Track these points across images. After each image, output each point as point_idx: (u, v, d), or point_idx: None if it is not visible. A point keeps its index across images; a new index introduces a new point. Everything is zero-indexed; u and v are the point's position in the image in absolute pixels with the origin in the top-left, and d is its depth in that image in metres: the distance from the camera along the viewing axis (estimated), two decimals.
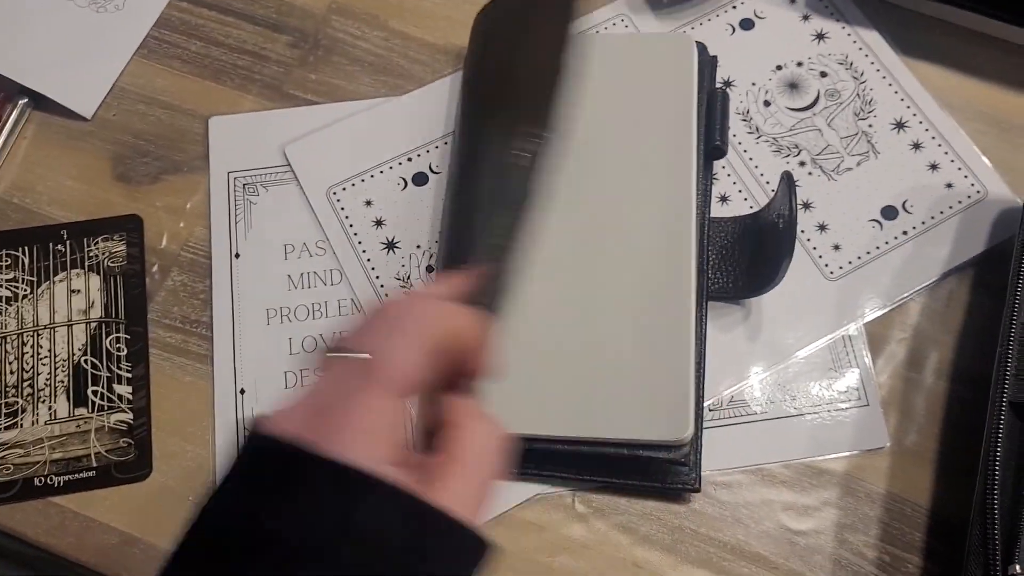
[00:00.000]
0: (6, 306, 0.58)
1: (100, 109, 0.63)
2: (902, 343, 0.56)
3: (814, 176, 0.60)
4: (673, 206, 0.55)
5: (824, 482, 0.53)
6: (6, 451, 0.54)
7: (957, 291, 0.57)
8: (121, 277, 0.59)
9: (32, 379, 0.56)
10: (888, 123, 0.61)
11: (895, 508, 0.53)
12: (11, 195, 0.61)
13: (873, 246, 0.58)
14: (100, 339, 0.57)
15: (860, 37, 0.63)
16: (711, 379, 0.55)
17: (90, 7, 0.65)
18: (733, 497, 0.53)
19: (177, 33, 0.65)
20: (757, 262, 0.55)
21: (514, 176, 0.54)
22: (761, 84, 0.62)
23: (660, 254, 0.54)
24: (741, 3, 0.64)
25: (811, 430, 0.54)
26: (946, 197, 0.59)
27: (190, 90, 0.64)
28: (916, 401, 0.55)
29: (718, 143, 0.57)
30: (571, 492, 0.54)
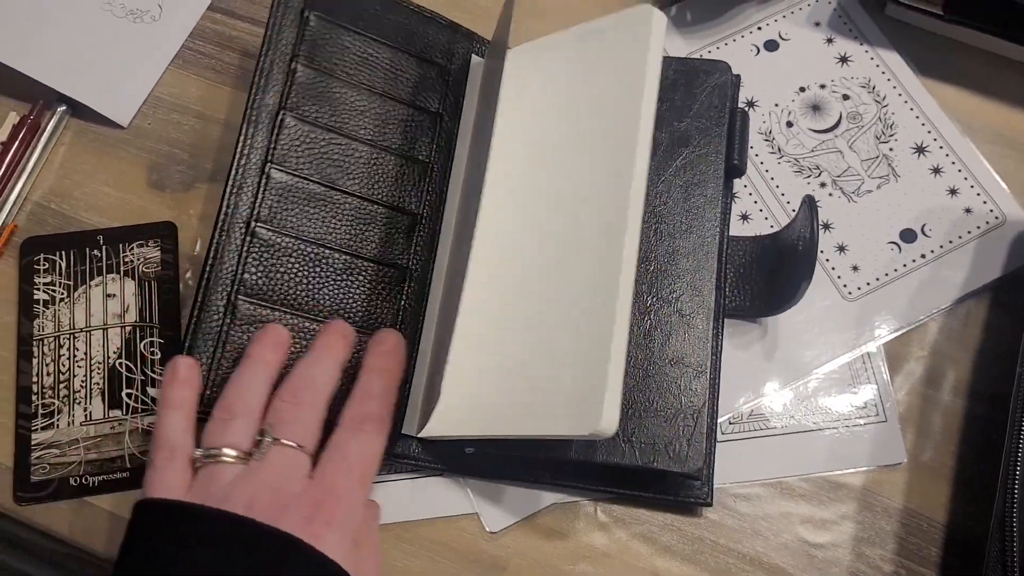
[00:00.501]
0: (44, 309, 0.59)
1: (136, 118, 0.65)
2: (920, 360, 0.57)
3: (835, 197, 0.61)
4: (613, 190, 0.51)
5: (842, 496, 0.55)
6: (43, 451, 0.56)
7: (975, 310, 0.58)
8: (155, 282, 0.60)
9: (68, 381, 0.57)
10: (909, 147, 0.62)
11: (912, 523, 0.54)
12: (49, 200, 0.62)
13: (891, 268, 0.59)
14: (134, 343, 0.58)
15: (883, 60, 0.64)
16: (728, 394, 0.56)
17: (128, 18, 0.66)
18: (752, 509, 0.55)
19: (212, 44, 0.67)
20: (775, 282, 0.57)
21: None
22: (784, 105, 0.63)
23: (598, 243, 0.51)
24: (766, 24, 0.66)
25: (829, 445, 0.56)
26: (964, 222, 0.60)
27: (223, 100, 0.65)
28: (933, 418, 0.56)
29: (736, 162, 0.59)
30: (594, 501, 0.55)
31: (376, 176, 0.57)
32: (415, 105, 0.59)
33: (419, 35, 0.61)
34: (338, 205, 0.56)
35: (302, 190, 0.55)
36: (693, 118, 0.59)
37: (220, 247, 0.53)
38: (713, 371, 0.55)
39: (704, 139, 0.59)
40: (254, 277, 0.53)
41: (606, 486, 0.54)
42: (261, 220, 0.54)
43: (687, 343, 0.54)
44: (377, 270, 0.55)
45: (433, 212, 0.58)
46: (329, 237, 0.55)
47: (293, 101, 0.56)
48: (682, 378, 0.53)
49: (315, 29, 0.57)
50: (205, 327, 0.51)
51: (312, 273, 0.54)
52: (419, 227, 0.57)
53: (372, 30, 0.59)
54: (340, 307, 0.54)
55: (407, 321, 0.56)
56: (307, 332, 0.53)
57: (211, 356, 0.51)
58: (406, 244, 0.57)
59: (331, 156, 0.56)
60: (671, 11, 0.66)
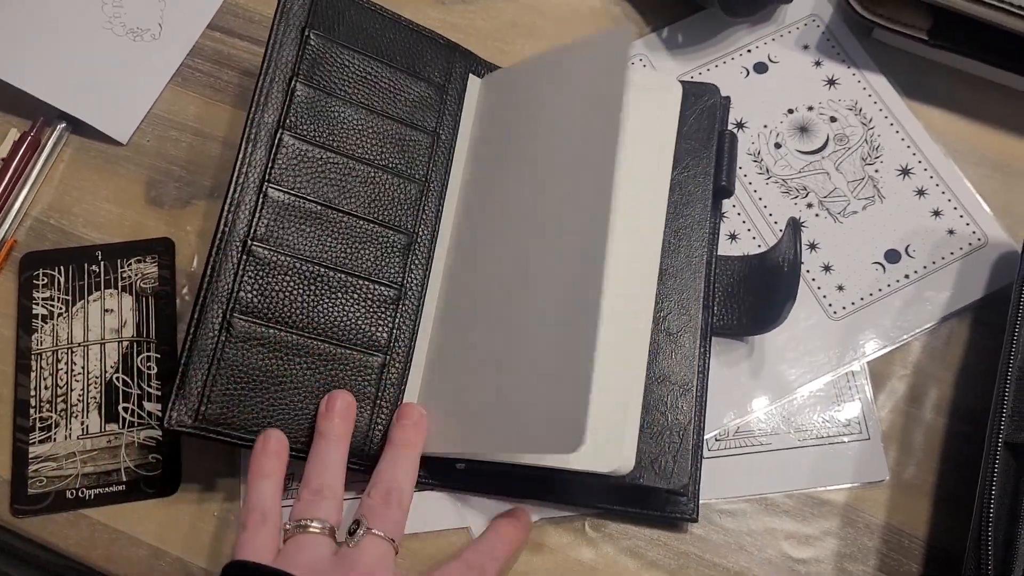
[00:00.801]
0: (42, 324, 0.60)
1: (135, 135, 0.66)
2: (903, 379, 0.58)
3: (821, 218, 0.62)
4: (591, 203, 0.51)
5: (825, 512, 0.56)
6: (40, 464, 0.57)
7: (957, 330, 0.60)
8: (152, 298, 0.61)
9: (66, 395, 0.58)
10: (894, 169, 0.63)
11: (893, 539, 0.55)
12: (48, 216, 0.63)
13: (876, 288, 0.60)
14: (131, 357, 0.59)
15: (869, 83, 0.65)
16: (714, 411, 0.57)
17: (128, 36, 0.67)
18: (737, 525, 0.56)
19: (211, 62, 0.68)
20: (761, 302, 0.58)
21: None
22: (773, 126, 0.65)
23: (574, 265, 0.51)
24: (756, 47, 0.67)
25: (813, 462, 0.57)
26: (947, 243, 0.61)
27: (222, 118, 0.66)
28: (915, 436, 0.57)
29: (724, 183, 0.60)
30: (582, 516, 0.56)
31: (373, 195, 0.58)
32: (413, 124, 0.60)
33: (418, 54, 0.61)
34: (335, 224, 0.56)
35: (299, 209, 0.56)
36: (682, 139, 0.60)
37: (217, 265, 0.54)
38: (700, 389, 0.56)
39: (693, 160, 0.60)
40: (250, 295, 0.54)
41: (594, 502, 0.55)
42: (258, 239, 0.54)
43: (674, 361, 0.55)
44: (372, 288, 0.56)
45: (429, 231, 0.59)
46: (325, 256, 0.56)
47: (292, 120, 0.57)
48: (669, 396, 0.54)
49: (315, 48, 0.58)
50: (201, 344, 0.52)
51: (308, 291, 0.55)
52: (415, 246, 0.58)
53: (372, 49, 0.60)
54: (335, 324, 0.55)
55: (401, 339, 0.56)
56: (303, 350, 0.54)
57: (206, 372, 0.52)
58: (402, 263, 0.58)
59: (328, 175, 0.57)
60: (663, 33, 0.68)
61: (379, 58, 0.60)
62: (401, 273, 0.57)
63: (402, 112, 0.60)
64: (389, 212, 0.58)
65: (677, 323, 0.56)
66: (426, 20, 0.68)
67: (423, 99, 0.61)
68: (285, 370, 0.53)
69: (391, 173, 0.59)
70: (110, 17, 0.67)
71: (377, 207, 0.58)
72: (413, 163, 0.59)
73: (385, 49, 0.60)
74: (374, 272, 0.57)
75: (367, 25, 0.60)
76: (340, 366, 0.54)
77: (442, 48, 0.63)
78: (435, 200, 0.60)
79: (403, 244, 0.58)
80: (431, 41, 0.62)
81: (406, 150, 0.59)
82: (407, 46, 0.61)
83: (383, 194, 0.58)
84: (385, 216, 0.58)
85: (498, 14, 0.69)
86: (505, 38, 0.68)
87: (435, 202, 0.60)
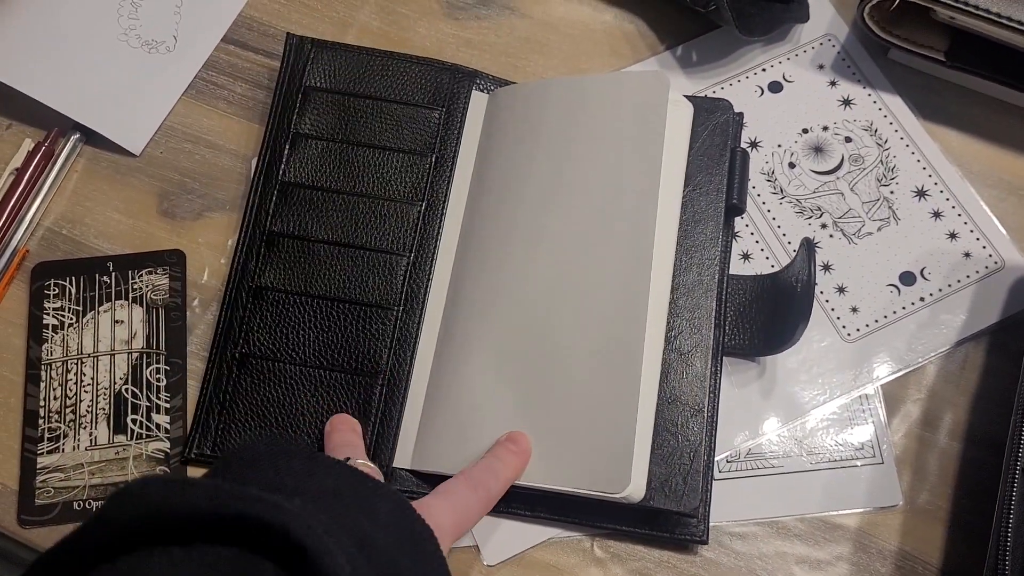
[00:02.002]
0: (52, 334, 0.60)
1: (148, 146, 0.66)
2: (917, 403, 0.58)
3: (835, 239, 0.61)
4: (630, 251, 0.54)
5: (837, 537, 0.55)
6: (47, 475, 0.57)
7: (973, 354, 0.59)
8: (163, 310, 0.61)
9: (75, 406, 0.58)
10: (910, 190, 0.63)
11: (907, 566, 0.54)
12: (60, 226, 0.63)
13: (890, 310, 0.60)
14: (141, 369, 0.59)
15: (885, 104, 0.65)
16: (725, 432, 0.57)
17: (143, 48, 0.67)
18: (748, 548, 0.55)
19: (224, 75, 0.68)
20: (774, 322, 0.57)
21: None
22: (787, 146, 0.64)
23: (615, 305, 0.53)
24: (771, 66, 0.67)
25: (826, 485, 0.56)
26: (963, 266, 0.60)
27: (234, 130, 0.66)
28: (930, 461, 0.57)
29: (735, 201, 0.59)
30: (590, 536, 0.55)
31: (375, 225, 0.60)
32: (413, 151, 0.62)
33: (416, 83, 0.64)
34: (338, 258, 0.59)
35: (304, 250, 0.59)
36: (694, 156, 0.60)
37: (227, 309, 0.59)
38: (711, 409, 0.55)
39: (705, 177, 0.59)
40: (258, 335, 0.58)
41: (602, 522, 0.54)
42: (264, 282, 0.59)
43: (685, 381, 0.55)
44: (375, 313, 0.58)
45: (432, 248, 0.60)
46: (330, 289, 0.58)
47: (293, 169, 0.62)
48: (679, 417, 0.54)
49: (315, 101, 0.63)
50: (216, 383, 0.58)
51: (314, 326, 0.58)
52: (416, 264, 0.59)
53: (369, 89, 0.64)
54: (338, 352, 0.57)
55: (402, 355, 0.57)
56: (308, 379, 0.57)
57: (220, 407, 0.57)
58: (402, 282, 0.59)
59: (332, 214, 0.61)
60: (677, 51, 0.67)
61: (377, 96, 0.63)
62: (402, 292, 0.59)
63: (403, 142, 0.62)
64: (391, 237, 0.60)
65: (688, 342, 0.55)
66: (439, 35, 0.68)
67: (424, 124, 0.63)
68: (292, 400, 0.56)
69: (393, 201, 0.60)
70: (125, 29, 0.67)
71: (379, 235, 0.60)
72: (415, 185, 0.61)
73: (383, 86, 0.64)
74: (377, 298, 0.58)
75: (365, 67, 0.64)
76: (342, 390, 0.57)
77: (442, 71, 0.64)
78: (437, 217, 0.61)
79: (405, 264, 0.59)
80: (428, 67, 0.64)
81: (408, 175, 0.61)
82: (406, 76, 0.64)
83: (385, 222, 0.60)
84: (387, 242, 0.60)
85: (511, 30, 0.69)
86: (518, 54, 0.68)
87: (437, 219, 0.61)
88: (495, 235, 0.58)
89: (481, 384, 0.54)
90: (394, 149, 0.62)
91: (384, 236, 0.59)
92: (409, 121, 0.62)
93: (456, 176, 0.62)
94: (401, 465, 0.55)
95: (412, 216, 0.60)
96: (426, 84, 0.64)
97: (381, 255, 0.59)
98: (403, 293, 0.58)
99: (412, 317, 0.58)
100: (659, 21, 0.69)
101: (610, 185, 0.56)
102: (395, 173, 0.61)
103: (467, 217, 0.60)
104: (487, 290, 0.57)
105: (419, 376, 0.57)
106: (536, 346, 0.54)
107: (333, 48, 0.65)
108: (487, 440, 0.53)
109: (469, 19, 0.69)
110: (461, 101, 0.63)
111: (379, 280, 0.58)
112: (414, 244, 0.59)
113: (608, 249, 0.55)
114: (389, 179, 0.61)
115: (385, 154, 0.62)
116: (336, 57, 0.64)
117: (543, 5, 0.69)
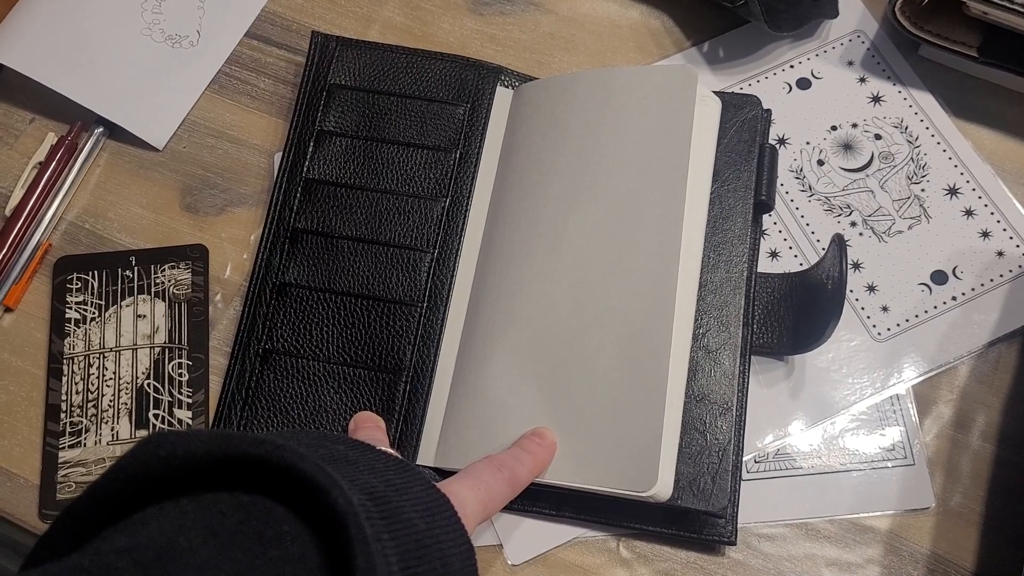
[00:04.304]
0: (75, 328, 0.60)
1: (171, 141, 0.65)
2: (949, 404, 0.57)
3: (865, 237, 0.61)
4: (658, 247, 0.53)
5: (868, 539, 0.54)
6: (69, 469, 0.56)
7: (1006, 355, 0.58)
8: (185, 304, 0.60)
9: (97, 400, 0.58)
10: (941, 188, 0.62)
11: (939, 569, 0.53)
12: (83, 221, 0.63)
13: (922, 310, 0.59)
14: (163, 364, 0.59)
15: (916, 101, 0.64)
16: (753, 432, 0.56)
17: (166, 43, 0.67)
18: (777, 550, 0.54)
19: (247, 70, 0.68)
20: (803, 320, 0.56)
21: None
22: (816, 143, 0.63)
23: (642, 302, 0.52)
24: (799, 62, 0.66)
25: (856, 487, 0.55)
26: (996, 265, 0.59)
27: (257, 125, 0.66)
28: (962, 462, 0.55)
29: (764, 198, 0.58)
30: (616, 537, 0.54)
31: (399, 222, 0.59)
32: (438, 147, 0.61)
33: (440, 79, 0.63)
34: (362, 255, 0.59)
35: (328, 245, 0.59)
36: (722, 152, 0.59)
37: (251, 306, 0.59)
38: (739, 408, 0.55)
39: (733, 173, 0.59)
40: (282, 331, 0.58)
41: (629, 521, 0.54)
42: (288, 279, 0.59)
43: (713, 379, 0.54)
44: (399, 309, 0.57)
45: (456, 244, 0.59)
46: (354, 286, 0.58)
47: (317, 166, 0.61)
48: (707, 415, 0.53)
49: (340, 99, 0.63)
50: (239, 379, 0.57)
51: (335, 322, 0.58)
52: (440, 260, 0.59)
53: (393, 86, 0.63)
54: (361, 349, 0.57)
55: (426, 352, 0.56)
56: (331, 376, 0.56)
57: (243, 404, 0.57)
58: (426, 278, 0.58)
59: (355, 211, 0.60)
60: (703, 47, 0.67)
61: (401, 93, 0.63)
62: (425, 288, 0.58)
63: (427, 138, 0.62)
64: (414, 233, 0.59)
65: (716, 340, 0.55)
66: (464, 31, 0.67)
67: (448, 120, 0.62)
68: (315, 396, 0.56)
69: (416, 197, 0.60)
70: (149, 24, 0.67)
71: (403, 231, 0.59)
72: (439, 181, 0.61)
73: (408, 83, 0.63)
74: (400, 294, 0.58)
75: (389, 64, 0.64)
76: (366, 387, 0.56)
77: (467, 67, 0.64)
78: (461, 212, 0.60)
79: (428, 260, 0.59)
80: (452, 63, 0.64)
81: (431, 171, 0.61)
82: (430, 73, 0.63)
83: (409, 218, 0.60)
84: (411, 238, 0.59)
85: (536, 26, 0.68)
86: (543, 50, 0.67)
87: (461, 214, 0.60)
88: (519, 231, 0.58)
89: (505, 381, 0.54)
90: (418, 145, 0.61)
91: (408, 232, 0.59)
92: (433, 117, 0.62)
93: (480, 172, 0.61)
94: (424, 463, 0.55)
95: (436, 212, 0.59)
96: (450, 80, 0.63)
97: (405, 251, 0.58)
98: (427, 290, 0.58)
99: (436, 314, 0.57)
100: (686, 17, 0.68)
101: (637, 180, 0.56)
102: (419, 169, 0.61)
103: (491, 213, 0.60)
104: (511, 287, 0.56)
105: (443, 373, 0.56)
106: (561, 343, 0.53)
107: (358, 46, 0.64)
108: (511, 437, 0.52)
109: (494, 15, 0.69)
110: (486, 97, 0.63)
111: (403, 277, 0.58)
112: (438, 240, 0.59)
113: (635, 245, 0.54)
114: (413, 175, 0.60)
115: (409, 150, 0.61)
116: (361, 55, 0.64)
117: (568, 1, 0.69)
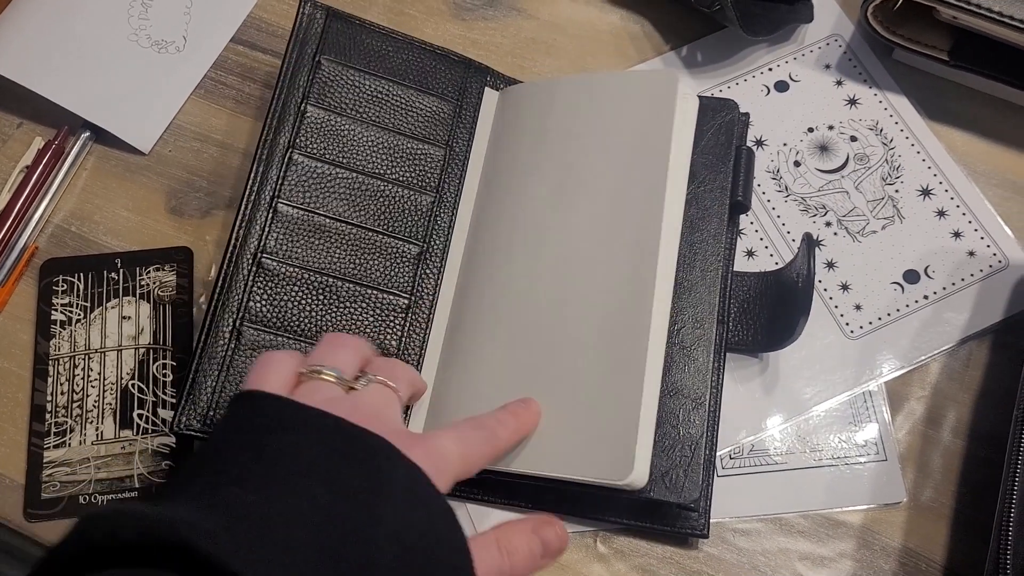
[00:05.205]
0: (60, 329, 0.60)
1: (157, 145, 0.66)
2: (921, 400, 0.58)
3: (839, 237, 0.62)
4: (637, 245, 0.54)
5: (841, 534, 0.55)
6: (54, 468, 0.57)
7: (977, 352, 0.59)
8: (170, 306, 0.61)
9: (82, 400, 0.59)
10: (914, 189, 0.63)
11: (910, 563, 0.54)
12: (69, 223, 0.64)
13: (894, 308, 0.60)
14: (147, 365, 0.60)
15: (891, 104, 0.65)
16: (728, 428, 0.57)
17: (153, 48, 0.68)
18: (751, 544, 0.55)
19: (233, 75, 0.69)
20: (777, 318, 0.57)
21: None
22: (792, 145, 0.64)
23: (621, 296, 0.53)
24: (777, 66, 0.67)
25: (829, 482, 0.56)
26: (967, 264, 0.60)
27: (243, 130, 0.67)
28: (933, 458, 0.56)
29: (740, 198, 0.59)
30: (593, 532, 0.55)
31: (383, 208, 0.59)
32: (425, 139, 0.61)
33: (430, 71, 0.63)
34: (344, 236, 0.57)
35: (309, 223, 0.57)
36: (700, 154, 0.60)
37: (228, 276, 0.55)
38: (712, 403, 0.56)
39: (710, 175, 0.60)
40: (259, 305, 0.55)
41: (604, 514, 0.54)
42: (267, 252, 0.56)
43: (687, 375, 0.55)
44: (382, 297, 0.57)
45: (442, 241, 0.59)
46: (334, 267, 0.57)
47: (302, 140, 0.58)
48: (681, 409, 0.54)
49: (327, 71, 0.60)
50: (211, 351, 0.54)
51: (316, 301, 0.56)
52: (426, 255, 0.59)
53: (383, 70, 0.62)
54: (342, 329, 0.56)
55: (411, 347, 0.57)
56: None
57: (215, 379, 0.53)
58: (413, 272, 0.58)
59: (338, 190, 0.58)
60: (682, 51, 0.68)
61: (390, 78, 0.62)
62: (412, 282, 0.58)
63: (414, 128, 0.61)
64: (400, 223, 0.59)
65: (691, 337, 0.56)
66: (447, 36, 0.68)
67: (436, 114, 0.62)
68: None
69: (402, 186, 0.60)
70: (136, 29, 0.68)
71: (387, 219, 0.59)
72: (425, 175, 0.60)
73: (397, 69, 0.62)
74: (384, 282, 0.57)
75: (379, 47, 0.62)
76: None
77: (456, 64, 0.64)
78: (448, 210, 0.60)
79: (414, 254, 0.58)
80: (444, 58, 0.63)
81: (418, 163, 0.60)
82: (419, 64, 0.63)
83: (394, 206, 0.59)
84: (395, 227, 0.59)
85: (518, 31, 0.69)
86: (524, 55, 0.68)
87: (448, 212, 0.60)
88: (504, 228, 0.59)
89: (489, 375, 0.55)
90: (406, 135, 0.60)
91: (393, 222, 0.58)
92: (422, 108, 0.61)
93: (468, 170, 0.62)
94: None
95: (422, 206, 0.59)
96: (440, 74, 0.63)
97: (390, 240, 0.58)
98: (413, 283, 0.58)
99: (421, 307, 0.58)
100: (665, 21, 0.69)
101: (618, 181, 0.57)
102: (406, 159, 0.60)
103: (476, 211, 0.61)
104: (496, 282, 0.57)
105: (428, 365, 0.57)
106: (543, 337, 0.54)
107: (348, 20, 0.62)
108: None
109: (476, 20, 0.70)
110: (473, 96, 0.63)
111: (388, 266, 0.58)
112: (424, 234, 0.59)
113: (615, 243, 0.55)
114: (400, 163, 0.60)
115: (397, 138, 0.60)
116: (351, 30, 0.62)
117: (550, 6, 0.70)
